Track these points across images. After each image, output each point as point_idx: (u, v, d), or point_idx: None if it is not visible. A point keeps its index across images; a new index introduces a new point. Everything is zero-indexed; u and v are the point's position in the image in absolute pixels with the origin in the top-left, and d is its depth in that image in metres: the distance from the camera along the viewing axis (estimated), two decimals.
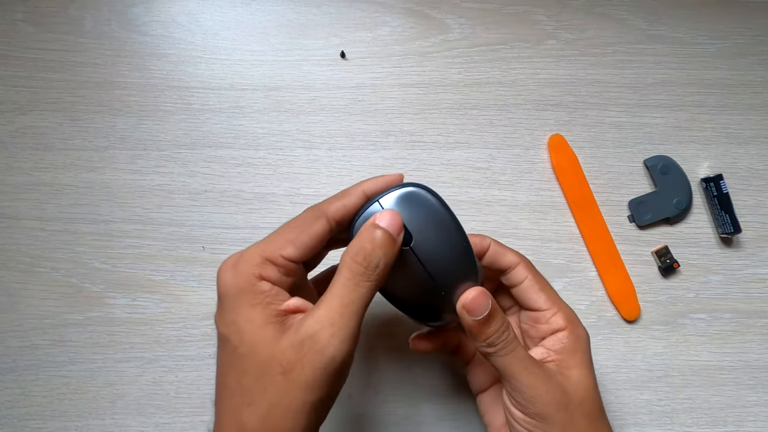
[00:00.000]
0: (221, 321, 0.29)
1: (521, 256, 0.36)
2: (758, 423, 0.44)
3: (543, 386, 0.31)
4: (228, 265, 0.29)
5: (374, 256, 0.28)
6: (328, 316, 0.27)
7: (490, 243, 0.35)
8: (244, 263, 0.29)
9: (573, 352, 0.33)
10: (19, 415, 0.42)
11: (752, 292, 0.46)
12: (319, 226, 0.30)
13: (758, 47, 0.49)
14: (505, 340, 0.31)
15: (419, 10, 0.48)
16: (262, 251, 0.29)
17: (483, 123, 0.47)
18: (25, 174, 0.45)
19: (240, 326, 0.28)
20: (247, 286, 0.28)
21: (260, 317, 0.28)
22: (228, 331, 0.28)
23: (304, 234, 0.30)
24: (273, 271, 0.29)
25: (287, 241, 0.29)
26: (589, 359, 0.34)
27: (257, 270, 0.28)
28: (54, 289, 0.44)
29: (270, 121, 0.46)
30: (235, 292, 0.28)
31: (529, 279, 0.35)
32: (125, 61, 0.47)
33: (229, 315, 0.28)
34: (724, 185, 0.45)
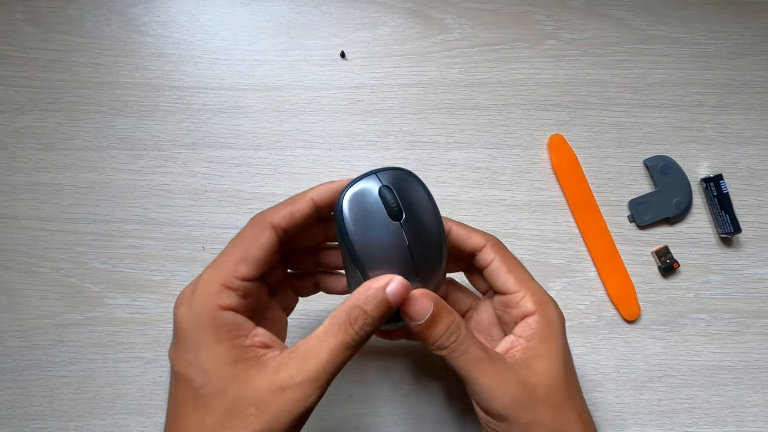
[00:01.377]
0: (179, 360, 0.27)
1: (488, 237, 0.34)
2: (758, 423, 0.44)
3: (501, 386, 0.29)
4: (184, 299, 0.28)
5: (371, 326, 0.28)
6: (315, 373, 0.26)
7: (452, 227, 0.34)
8: (201, 295, 0.27)
9: (543, 339, 0.31)
10: (19, 415, 0.42)
11: (752, 292, 0.46)
12: (265, 238, 0.29)
13: (758, 47, 0.49)
14: (456, 342, 0.29)
15: (419, 10, 0.48)
16: (216, 278, 0.27)
17: (483, 123, 0.47)
18: (25, 174, 0.45)
19: (204, 365, 0.26)
20: (208, 321, 0.26)
21: (227, 354, 0.26)
22: (189, 371, 0.26)
23: (253, 249, 0.28)
24: (232, 298, 0.27)
25: (237, 262, 0.28)
26: (560, 345, 0.31)
27: (215, 300, 0.27)
28: (54, 289, 0.44)
29: (270, 121, 0.46)
30: (195, 328, 0.27)
31: (496, 260, 0.33)
32: (125, 61, 0.47)
33: (189, 353, 0.26)
34: (724, 185, 0.45)
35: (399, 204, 0.29)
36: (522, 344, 0.31)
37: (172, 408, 0.28)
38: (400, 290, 0.28)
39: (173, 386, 0.27)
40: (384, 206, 0.29)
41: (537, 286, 0.33)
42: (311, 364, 0.26)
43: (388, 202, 0.29)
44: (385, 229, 0.29)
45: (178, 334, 0.27)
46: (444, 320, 0.30)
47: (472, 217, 0.46)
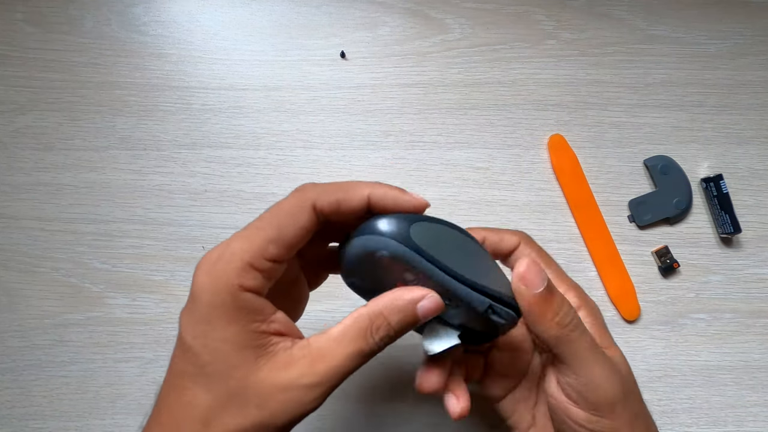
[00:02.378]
0: (190, 328, 0.25)
1: (519, 234, 0.33)
2: (758, 423, 0.44)
3: (613, 375, 0.28)
4: (208, 264, 0.25)
5: (391, 338, 0.26)
6: (326, 377, 0.25)
7: (484, 234, 0.32)
8: (224, 267, 0.25)
9: (599, 331, 0.30)
10: (19, 415, 0.42)
11: (752, 292, 0.46)
12: (304, 221, 0.26)
13: (758, 47, 0.49)
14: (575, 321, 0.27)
15: (419, 10, 0.48)
16: (243, 253, 0.25)
17: (483, 123, 0.47)
18: (25, 174, 0.45)
19: (213, 343, 0.25)
20: (227, 298, 0.24)
21: (239, 338, 0.25)
22: (196, 343, 0.25)
23: (288, 230, 0.26)
24: (256, 279, 0.25)
25: (269, 240, 0.25)
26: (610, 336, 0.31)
27: (238, 279, 0.24)
28: (54, 289, 0.44)
29: (270, 121, 0.46)
30: (212, 302, 0.24)
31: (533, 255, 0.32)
32: (125, 61, 0.47)
33: (200, 325, 0.25)
34: (724, 185, 0.45)
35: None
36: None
37: (172, 374, 0.26)
38: (432, 308, 0.26)
39: (178, 353, 0.26)
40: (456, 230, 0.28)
41: (572, 281, 0.32)
42: (322, 368, 0.25)
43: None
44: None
45: (194, 302, 0.25)
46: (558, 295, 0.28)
47: (472, 217, 0.46)
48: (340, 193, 0.27)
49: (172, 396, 0.26)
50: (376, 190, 0.27)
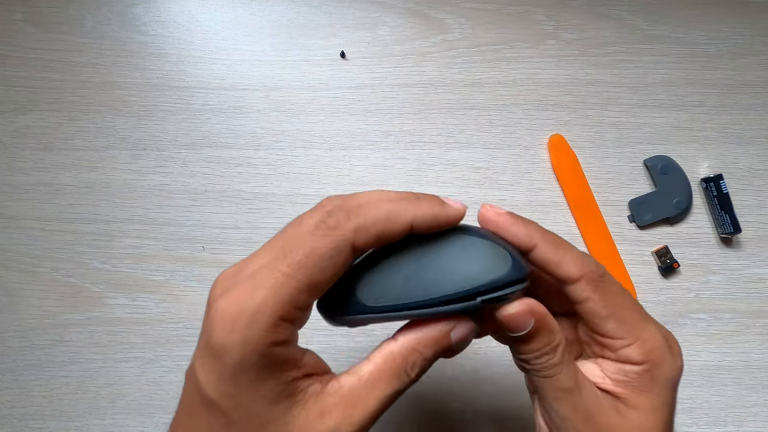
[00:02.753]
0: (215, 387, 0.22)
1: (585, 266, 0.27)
2: (758, 423, 0.44)
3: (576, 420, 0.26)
4: (227, 317, 0.22)
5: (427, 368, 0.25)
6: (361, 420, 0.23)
7: (537, 244, 0.27)
8: (253, 326, 0.22)
9: (641, 392, 0.26)
10: (19, 415, 0.42)
11: (752, 292, 0.46)
12: (341, 263, 0.23)
13: (758, 47, 0.49)
14: (545, 365, 0.26)
15: (419, 10, 0.48)
16: (273, 309, 0.22)
17: (483, 123, 0.47)
18: (25, 174, 0.45)
19: (244, 402, 0.22)
20: (257, 359, 0.22)
21: (270, 394, 0.22)
22: (225, 402, 0.22)
23: (324, 276, 0.23)
24: (287, 331, 0.23)
25: (302, 290, 0.22)
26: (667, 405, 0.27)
27: (269, 337, 0.22)
28: (54, 289, 0.44)
29: (270, 121, 0.46)
30: (241, 363, 0.22)
31: (591, 301, 0.26)
32: (125, 61, 0.47)
33: (227, 384, 0.22)
34: (724, 185, 0.45)
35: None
36: (608, 386, 0.27)
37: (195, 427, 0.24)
38: (465, 332, 0.25)
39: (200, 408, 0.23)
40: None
41: (651, 331, 0.27)
42: (358, 415, 0.23)
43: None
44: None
45: (216, 359, 0.22)
46: (541, 340, 0.26)
47: (472, 217, 0.46)
48: (382, 225, 0.23)
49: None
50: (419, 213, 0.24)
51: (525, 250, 0.27)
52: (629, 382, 0.26)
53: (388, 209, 0.24)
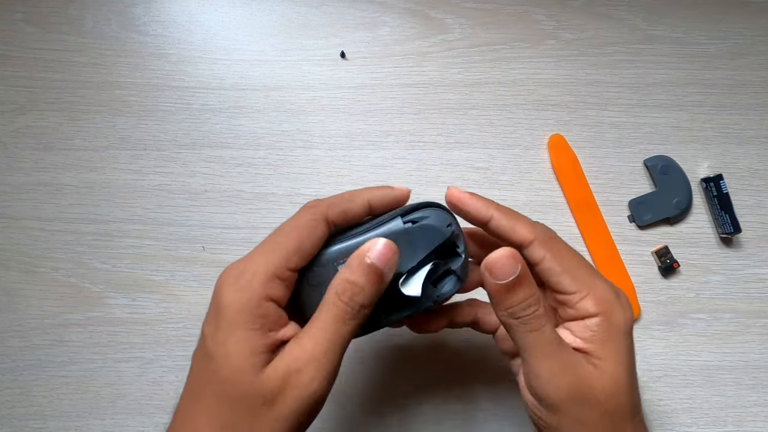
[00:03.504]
0: (212, 335, 0.27)
1: (537, 229, 0.31)
2: (758, 423, 0.44)
3: (561, 376, 0.28)
4: (232, 278, 0.27)
5: (361, 295, 0.27)
6: (313, 353, 0.27)
7: (494, 215, 0.31)
8: (252, 279, 0.27)
9: (604, 342, 0.29)
10: (19, 415, 0.42)
11: (752, 292, 0.46)
12: (320, 231, 0.29)
13: (758, 47, 0.49)
14: (531, 316, 0.28)
15: (419, 10, 0.48)
16: (268, 265, 0.27)
17: (483, 123, 0.47)
18: (25, 174, 0.45)
19: (230, 348, 0.26)
20: (252, 308, 0.26)
21: (253, 344, 0.26)
22: (217, 350, 0.26)
23: (308, 242, 0.28)
24: (278, 289, 0.27)
25: (292, 252, 0.28)
26: (626, 350, 0.29)
27: (264, 290, 0.27)
28: (54, 289, 0.44)
29: (270, 121, 0.46)
30: (237, 311, 0.26)
31: (547, 259, 0.30)
32: (125, 61, 0.47)
33: (222, 333, 0.26)
34: (724, 185, 0.45)
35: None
36: (580, 344, 0.29)
37: (193, 380, 0.28)
38: (384, 252, 0.28)
39: (201, 361, 0.27)
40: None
41: (600, 283, 0.30)
42: (310, 345, 0.27)
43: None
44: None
45: (219, 313, 0.27)
46: (526, 289, 0.28)
47: None
48: (345, 204, 0.30)
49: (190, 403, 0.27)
50: (373, 194, 0.31)
51: (484, 221, 0.31)
52: (593, 335, 0.29)
53: (351, 192, 0.31)
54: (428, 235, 0.30)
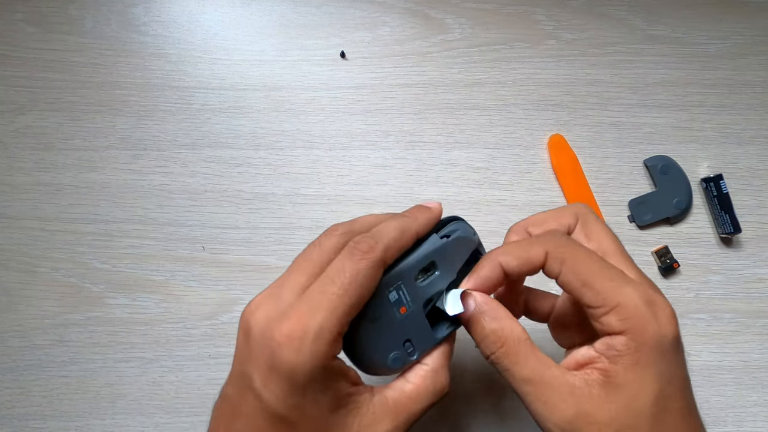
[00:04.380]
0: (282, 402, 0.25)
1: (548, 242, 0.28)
2: (758, 423, 0.44)
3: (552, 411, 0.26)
4: (294, 339, 0.24)
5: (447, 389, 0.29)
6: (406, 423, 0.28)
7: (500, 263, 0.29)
8: (318, 342, 0.24)
9: (629, 366, 0.25)
10: (19, 415, 0.42)
11: (752, 292, 0.46)
12: (377, 278, 0.27)
13: (758, 47, 0.49)
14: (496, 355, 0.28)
15: (419, 10, 0.48)
16: (333, 324, 0.25)
17: (483, 123, 0.47)
18: (25, 174, 0.45)
19: (310, 412, 0.25)
20: (321, 372, 0.25)
21: (330, 403, 0.26)
22: (293, 413, 0.25)
23: (367, 293, 0.26)
24: (339, 344, 0.26)
25: (354, 307, 0.26)
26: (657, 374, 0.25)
27: (332, 350, 0.25)
28: (54, 289, 0.44)
29: (270, 121, 0.46)
30: (308, 377, 0.24)
31: (562, 274, 0.27)
32: (125, 61, 0.47)
33: (293, 398, 0.25)
34: (724, 185, 0.45)
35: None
36: (604, 365, 0.26)
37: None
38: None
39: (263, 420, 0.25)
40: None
41: (629, 291, 0.26)
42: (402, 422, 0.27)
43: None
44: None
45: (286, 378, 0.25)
46: (481, 326, 0.28)
47: (472, 217, 0.46)
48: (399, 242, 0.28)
49: None
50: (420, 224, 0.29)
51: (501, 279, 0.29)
52: (618, 356, 0.25)
53: (399, 228, 0.28)
54: (462, 246, 0.31)
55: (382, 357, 0.29)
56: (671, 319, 0.26)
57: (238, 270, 0.44)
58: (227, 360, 0.43)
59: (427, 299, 0.30)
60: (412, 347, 0.29)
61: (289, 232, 0.45)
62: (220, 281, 0.44)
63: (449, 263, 0.30)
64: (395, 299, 0.29)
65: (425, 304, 0.30)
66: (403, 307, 0.29)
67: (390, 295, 0.29)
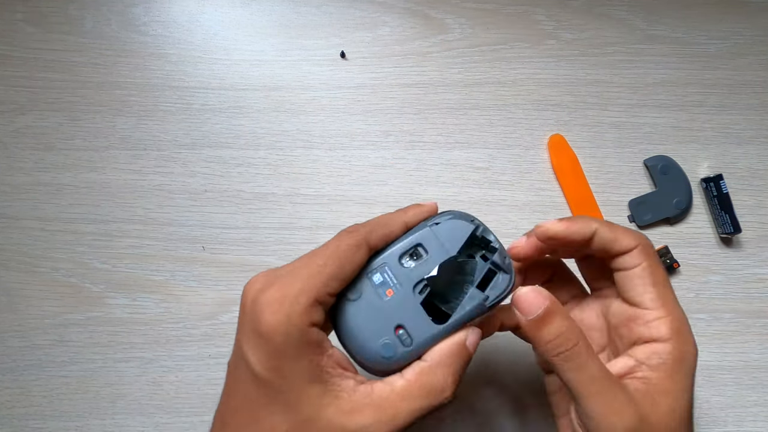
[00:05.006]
0: (262, 363, 0.26)
1: (640, 238, 0.29)
2: (758, 423, 0.44)
3: (616, 417, 0.26)
4: (273, 302, 0.26)
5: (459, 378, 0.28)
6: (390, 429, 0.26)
7: (596, 229, 0.30)
8: (294, 305, 0.26)
9: (672, 374, 0.27)
10: (19, 415, 0.42)
11: (752, 292, 0.46)
12: (360, 257, 0.28)
13: (758, 47, 0.49)
14: (570, 352, 0.27)
15: (419, 10, 0.48)
16: (310, 291, 0.26)
17: (483, 123, 0.47)
18: (25, 174, 0.45)
19: (288, 374, 0.26)
20: (298, 334, 0.25)
21: (308, 371, 0.26)
22: (272, 375, 0.26)
23: (349, 267, 0.27)
24: (319, 313, 0.27)
25: (332, 277, 0.27)
26: (689, 386, 0.28)
27: (307, 316, 0.26)
28: (54, 289, 0.44)
29: (270, 121, 0.46)
30: (284, 339, 0.25)
31: (642, 267, 0.29)
32: (125, 61, 0.47)
33: (273, 359, 0.26)
34: (724, 185, 0.45)
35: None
36: (645, 373, 0.28)
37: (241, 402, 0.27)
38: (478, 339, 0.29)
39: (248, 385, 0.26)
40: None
41: (679, 311, 0.29)
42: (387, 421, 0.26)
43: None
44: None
45: (263, 338, 0.26)
46: (557, 322, 0.27)
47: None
48: (385, 228, 0.29)
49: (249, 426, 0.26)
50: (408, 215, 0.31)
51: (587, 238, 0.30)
52: (662, 363, 0.27)
53: (387, 216, 0.30)
54: (455, 229, 0.30)
55: (372, 342, 0.28)
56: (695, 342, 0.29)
57: (238, 270, 0.44)
58: (227, 360, 0.43)
59: (417, 282, 0.29)
60: (408, 336, 0.28)
61: (289, 232, 0.45)
62: (220, 281, 0.44)
63: (440, 246, 0.30)
64: (380, 281, 0.29)
65: (415, 287, 0.29)
66: (389, 289, 0.29)
67: (374, 277, 0.29)
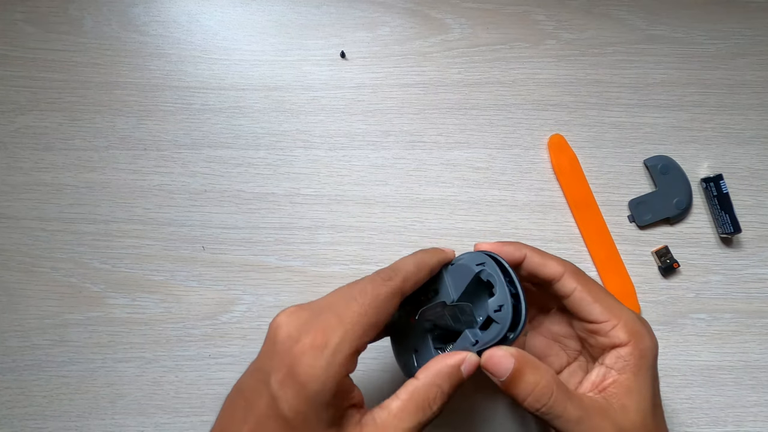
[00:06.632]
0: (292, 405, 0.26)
1: (566, 264, 0.33)
2: (758, 423, 0.44)
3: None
4: (315, 348, 0.26)
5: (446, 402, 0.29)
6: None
7: (527, 254, 0.33)
8: (336, 354, 0.26)
9: (636, 371, 0.30)
10: (19, 415, 0.42)
11: (752, 292, 0.46)
12: (395, 305, 0.29)
13: (758, 47, 0.49)
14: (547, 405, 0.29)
15: (419, 10, 0.48)
16: (353, 342, 0.27)
17: (483, 123, 0.47)
18: (25, 174, 0.45)
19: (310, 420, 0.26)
20: (333, 386, 0.26)
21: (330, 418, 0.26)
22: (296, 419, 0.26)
23: (384, 315, 0.28)
24: (355, 363, 0.28)
25: (371, 326, 0.28)
26: (651, 377, 0.31)
27: (346, 367, 0.27)
28: (54, 289, 0.44)
29: (270, 121, 0.46)
30: (320, 388, 0.26)
31: (578, 290, 0.32)
32: (125, 61, 0.47)
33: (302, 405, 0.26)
34: (724, 185, 0.45)
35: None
36: (614, 377, 0.31)
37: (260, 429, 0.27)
38: (473, 365, 0.30)
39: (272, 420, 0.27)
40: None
41: (628, 313, 0.32)
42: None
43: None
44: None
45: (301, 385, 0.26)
46: (528, 377, 0.29)
47: (472, 217, 0.46)
48: (416, 276, 0.31)
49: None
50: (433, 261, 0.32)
51: (518, 261, 0.33)
52: (626, 365, 0.30)
53: (416, 263, 0.31)
54: (461, 273, 0.32)
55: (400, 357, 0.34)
56: (653, 332, 0.32)
57: (238, 270, 0.44)
58: (227, 360, 0.43)
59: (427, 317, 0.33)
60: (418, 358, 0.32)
61: (289, 232, 0.45)
62: (220, 281, 0.44)
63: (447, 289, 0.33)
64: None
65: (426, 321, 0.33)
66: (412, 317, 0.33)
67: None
